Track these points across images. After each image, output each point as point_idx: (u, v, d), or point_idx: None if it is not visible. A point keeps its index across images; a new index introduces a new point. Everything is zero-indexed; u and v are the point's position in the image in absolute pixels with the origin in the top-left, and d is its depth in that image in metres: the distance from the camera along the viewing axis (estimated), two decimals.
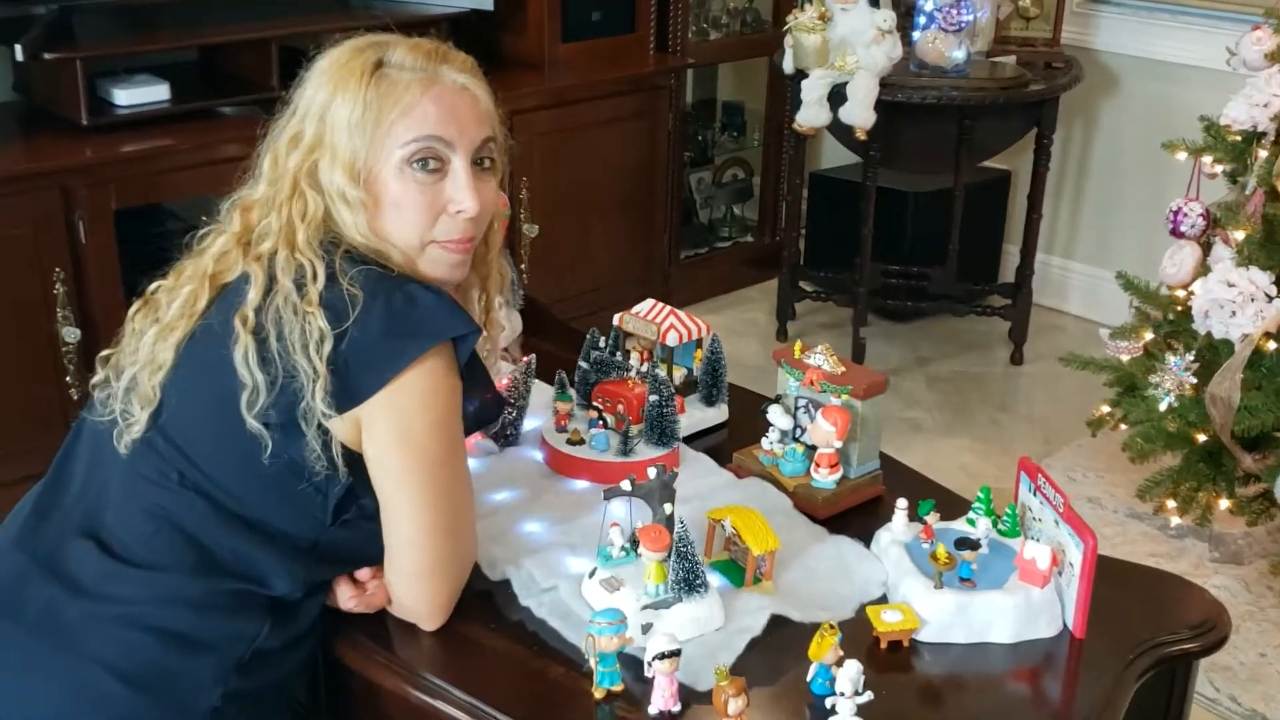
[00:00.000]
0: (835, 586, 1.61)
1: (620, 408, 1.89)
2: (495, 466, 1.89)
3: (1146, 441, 2.74)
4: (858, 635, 1.53)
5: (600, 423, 1.89)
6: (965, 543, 1.56)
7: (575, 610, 1.55)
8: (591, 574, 1.58)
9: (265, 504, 1.45)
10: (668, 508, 1.55)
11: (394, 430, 1.43)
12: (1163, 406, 2.70)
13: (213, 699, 1.39)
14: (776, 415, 1.87)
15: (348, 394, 1.41)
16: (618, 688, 1.43)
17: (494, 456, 1.92)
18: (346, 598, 1.54)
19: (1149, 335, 2.91)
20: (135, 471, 1.46)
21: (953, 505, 1.79)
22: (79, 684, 1.36)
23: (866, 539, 1.70)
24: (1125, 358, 2.94)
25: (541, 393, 2.01)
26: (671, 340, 2.00)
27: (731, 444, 1.98)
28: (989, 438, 3.56)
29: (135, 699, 1.35)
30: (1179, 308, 2.82)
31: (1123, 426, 2.98)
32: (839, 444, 1.78)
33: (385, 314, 1.42)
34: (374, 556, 1.54)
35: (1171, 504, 2.82)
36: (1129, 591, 1.64)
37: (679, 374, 2.06)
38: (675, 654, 1.38)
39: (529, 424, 1.98)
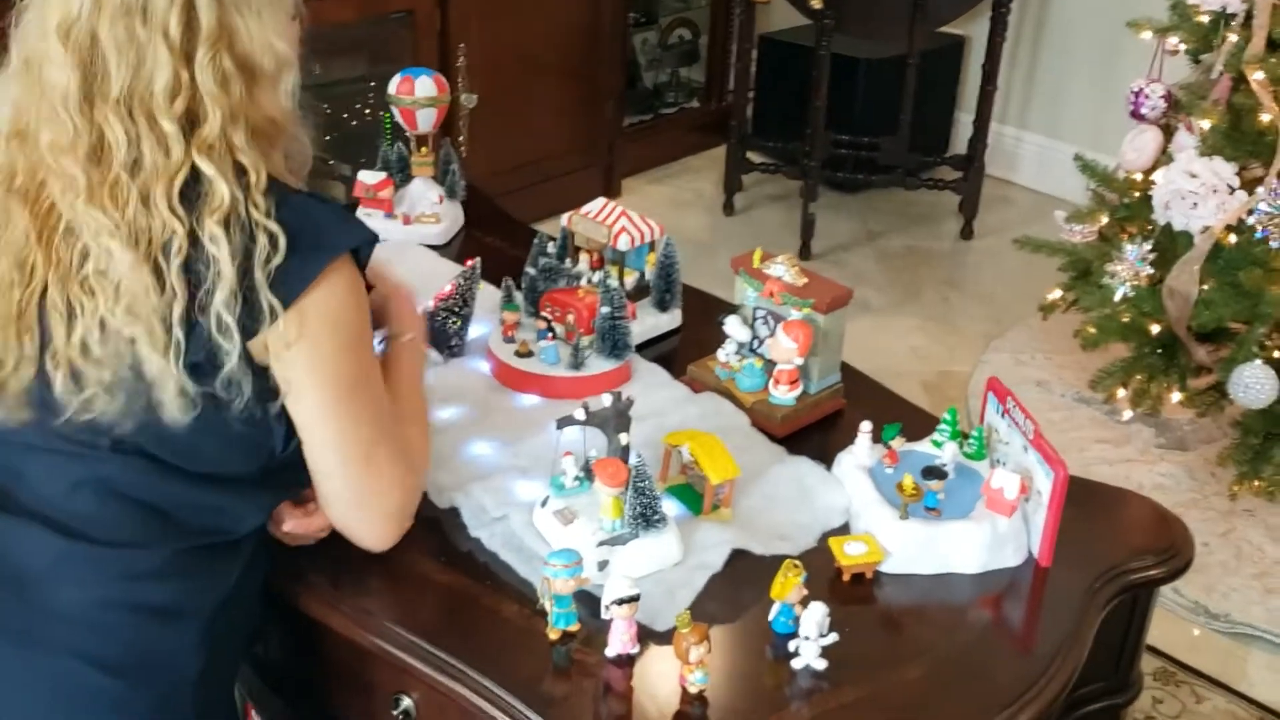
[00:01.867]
0: (795, 515, 1.56)
1: (570, 318, 1.81)
2: (440, 378, 1.80)
3: (1100, 332, 2.70)
4: (819, 566, 1.48)
5: (550, 334, 1.80)
6: (932, 471, 1.51)
7: (527, 543, 1.49)
8: (544, 503, 1.51)
9: (212, 446, 1.32)
10: (623, 437, 1.48)
11: (304, 356, 1.30)
12: (1117, 297, 2.66)
13: (198, 664, 1.31)
14: (734, 327, 1.79)
15: (252, 317, 1.26)
16: (574, 628, 1.38)
17: (438, 368, 1.83)
18: (285, 520, 1.45)
19: (1105, 220, 2.85)
20: (50, 448, 1.30)
21: (916, 423, 1.73)
22: (57, 682, 1.25)
23: (827, 459, 1.65)
24: (1079, 240, 2.89)
25: (488, 297, 1.92)
26: (623, 244, 1.91)
27: (685, 351, 1.91)
28: (939, 316, 3.51)
29: (121, 685, 1.26)
30: (1137, 193, 2.76)
31: (1074, 311, 2.95)
32: (800, 361, 1.71)
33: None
34: None
35: (1122, 393, 2.80)
36: (1094, 515, 1.61)
37: (631, 278, 1.97)
38: (634, 599, 1.32)
39: (475, 331, 1.89)
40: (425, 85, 2.16)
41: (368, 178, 2.20)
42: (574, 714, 1.30)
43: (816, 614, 1.34)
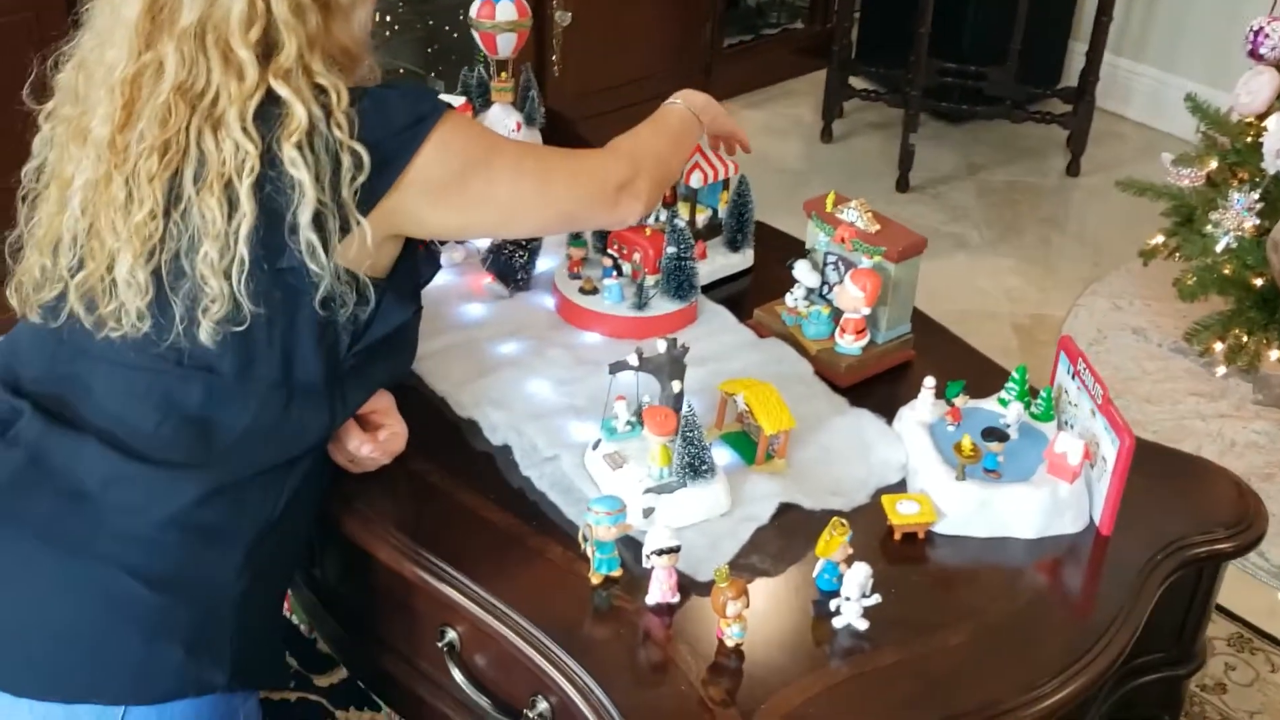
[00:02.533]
0: (851, 469, 1.53)
1: (637, 257, 1.78)
2: (504, 312, 1.80)
3: (1199, 283, 2.60)
4: (871, 523, 1.46)
5: (615, 272, 1.78)
6: (993, 433, 1.46)
7: (577, 484, 1.49)
8: (595, 445, 1.50)
9: (280, 352, 1.35)
10: (676, 385, 1.46)
11: (448, 180, 1.40)
12: (1220, 247, 2.55)
13: (241, 585, 1.34)
14: (803, 271, 1.75)
15: (344, 231, 1.32)
16: (616, 573, 1.38)
17: (503, 301, 1.82)
18: (358, 444, 1.48)
19: (1214, 164, 2.73)
20: (118, 360, 1.34)
21: (987, 377, 1.69)
22: (104, 592, 1.29)
23: (890, 412, 1.61)
24: (1186, 184, 2.77)
25: None
26: (695, 181, 1.87)
27: (756, 293, 1.88)
28: (1037, 257, 3.41)
29: (161, 599, 1.29)
30: (1249, 139, 2.63)
31: (1176, 258, 2.84)
32: (866, 310, 1.67)
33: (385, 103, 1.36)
34: (394, 373, 1.52)
35: (1219, 347, 2.70)
36: (1164, 482, 1.55)
37: (703, 215, 1.93)
38: (674, 550, 1.31)
39: (544, 264, 1.87)
40: (506, 9, 2.12)
41: (452, 100, 2.19)
42: (610, 660, 1.30)
43: (859, 575, 1.32)
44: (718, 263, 1.89)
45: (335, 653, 1.76)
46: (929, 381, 1.56)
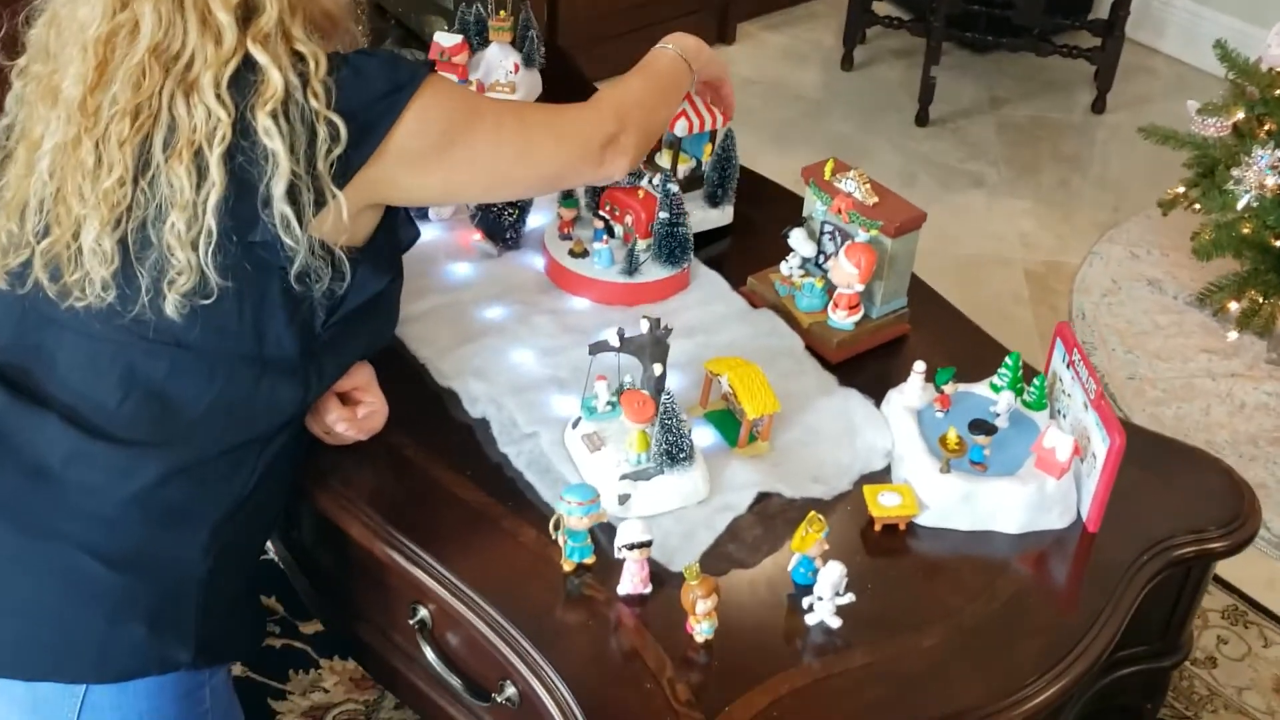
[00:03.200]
0: (836, 453, 1.50)
1: (629, 219, 1.74)
2: (491, 272, 1.76)
3: (1215, 244, 2.53)
4: (852, 512, 1.44)
5: (606, 234, 1.74)
6: (980, 426, 1.43)
7: (555, 464, 1.46)
8: (575, 424, 1.47)
9: (251, 326, 1.31)
10: (657, 368, 1.42)
11: (428, 149, 1.36)
12: (1240, 205, 2.48)
13: (206, 564, 1.32)
14: (799, 240, 1.70)
15: (319, 204, 1.28)
16: (589, 560, 1.36)
17: (491, 261, 1.78)
18: (335, 419, 1.45)
19: (1240, 114, 2.64)
20: (84, 330, 1.30)
21: (983, 353, 1.65)
22: (64, 572, 1.27)
23: (880, 391, 1.57)
24: (1211, 134, 2.69)
25: None
26: (680, 129, 1.81)
27: (737, 252, 1.83)
28: (1055, 201, 3.33)
29: (122, 579, 1.28)
30: (1278, 91, 2.54)
31: (1196, 208, 2.76)
32: (860, 287, 1.62)
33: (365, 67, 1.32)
34: (373, 344, 1.48)
35: (1234, 307, 2.64)
36: (1156, 475, 1.52)
37: (685, 165, 1.88)
38: (646, 545, 1.29)
39: (535, 220, 1.83)
40: None
41: (444, 40, 2.12)
42: (577, 653, 1.29)
43: (833, 574, 1.29)
44: (695, 217, 1.83)
45: (313, 611, 1.76)
46: (919, 366, 1.52)
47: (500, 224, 1.77)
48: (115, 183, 1.26)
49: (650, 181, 1.74)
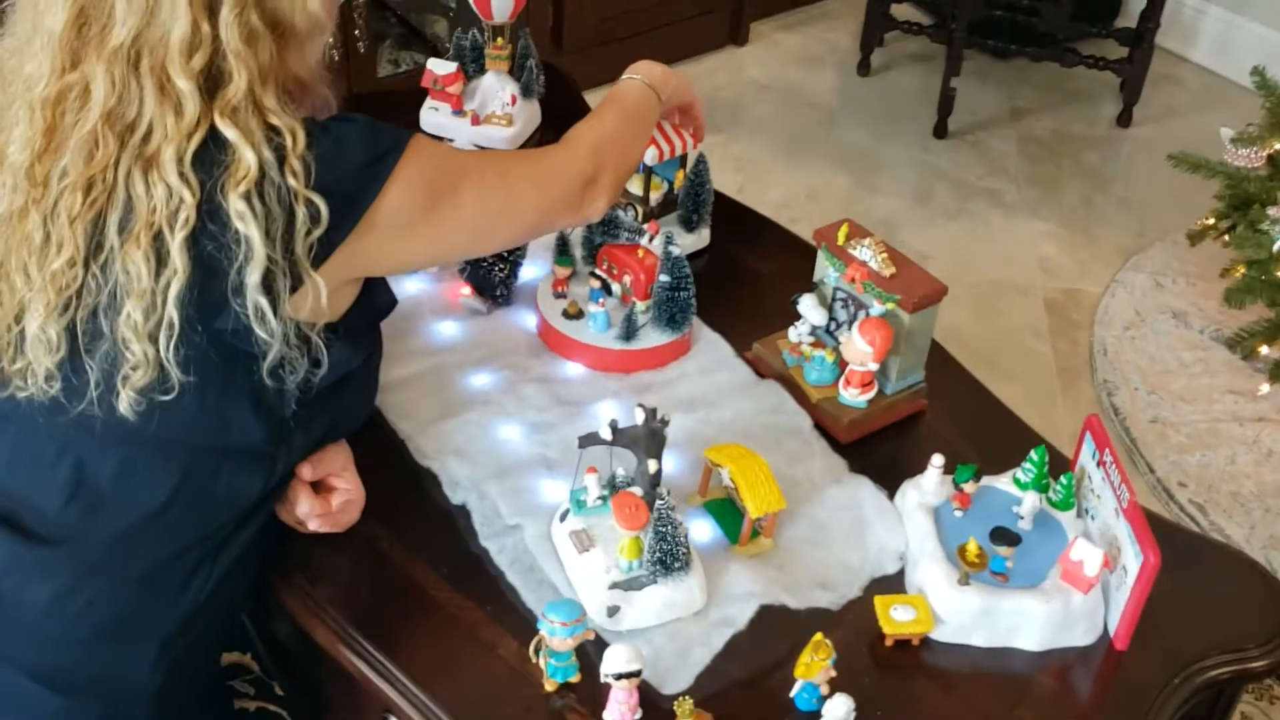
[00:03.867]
0: (845, 554, 1.39)
1: (627, 280, 1.62)
2: (479, 333, 1.64)
3: (1247, 289, 2.40)
4: (862, 621, 1.32)
5: (604, 294, 1.62)
6: (1003, 535, 1.31)
7: (539, 562, 1.35)
8: (564, 516, 1.36)
9: (215, 420, 1.21)
10: (652, 464, 1.31)
11: (415, 217, 1.26)
12: (1277, 247, 2.35)
13: (157, 680, 1.22)
14: (809, 308, 1.58)
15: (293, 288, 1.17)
16: (574, 679, 1.25)
17: (480, 319, 1.66)
18: (307, 512, 1.34)
19: (1277, 145, 2.51)
20: (31, 425, 1.19)
21: (1006, 431, 1.54)
22: None
23: (894, 476, 1.46)
24: (1243, 165, 2.56)
25: None
26: (650, 158, 1.70)
27: (710, 278, 1.73)
28: (1077, 222, 3.20)
29: (65, 701, 1.17)
30: None
31: (1228, 240, 2.63)
32: (874, 366, 1.50)
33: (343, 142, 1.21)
34: (347, 424, 1.36)
35: (1266, 351, 2.51)
36: (1189, 580, 1.40)
37: (658, 191, 1.79)
38: (635, 674, 1.18)
39: (530, 271, 1.71)
40: None
41: (438, 67, 2.00)
42: None
43: (840, 709, 1.18)
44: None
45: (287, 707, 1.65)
46: (937, 460, 1.40)
47: (490, 279, 1.65)
48: (65, 264, 1.14)
49: (651, 240, 1.62)
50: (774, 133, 3.47)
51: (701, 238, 1.81)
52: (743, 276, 1.81)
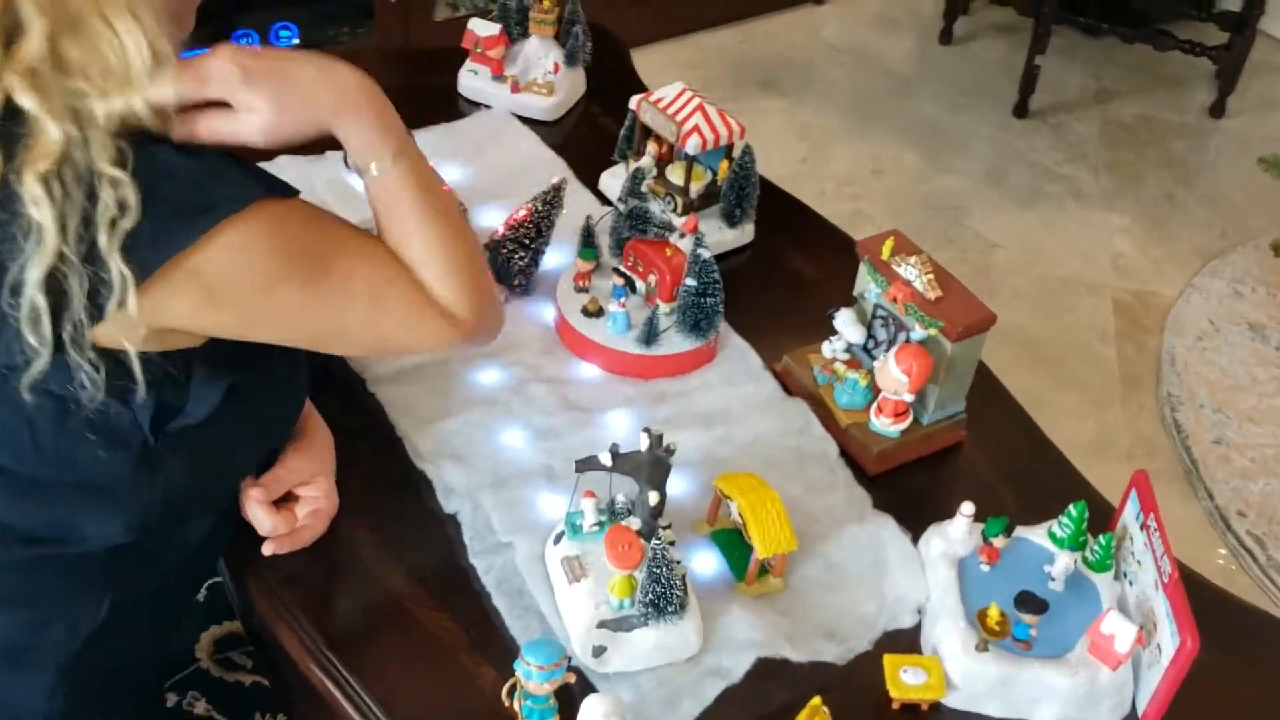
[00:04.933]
0: (859, 602, 1.29)
1: (652, 279, 1.51)
2: None
3: None
4: (866, 681, 1.22)
5: (628, 291, 1.52)
6: (1029, 601, 1.20)
7: (528, 586, 1.26)
8: (558, 538, 1.27)
9: (55, 449, 1.05)
10: (654, 496, 1.21)
11: (222, 316, 1.04)
12: None
13: (56, 707, 1.14)
14: (846, 324, 1.47)
15: (98, 296, 0.97)
16: None
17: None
18: (268, 529, 1.24)
19: None
20: None
21: (1050, 476, 1.43)
22: None
23: (921, 516, 1.35)
24: None
25: (581, 210, 1.62)
26: (692, 146, 1.59)
27: (749, 275, 1.64)
28: (1156, 218, 3.03)
29: None
30: None
31: None
32: (909, 397, 1.39)
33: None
34: (246, 443, 1.20)
35: None
36: (1236, 659, 1.28)
37: (700, 182, 1.67)
38: None
39: (554, 259, 1.61)
40: None
41: (480, 28, 1.90)
42: None
43: None
44: (711, 238, 1.62)
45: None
46: (966, 508, 1.29)
47: (508, 268, 1.55)
48: None
49: (681, 238, 1.51)
50: (844, 100, 3.32)
51: (744, 233, 1.70)
52: (783, 278, 1.69)
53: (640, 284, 1.53)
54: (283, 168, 1.72)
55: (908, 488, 1.42)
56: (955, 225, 2.93)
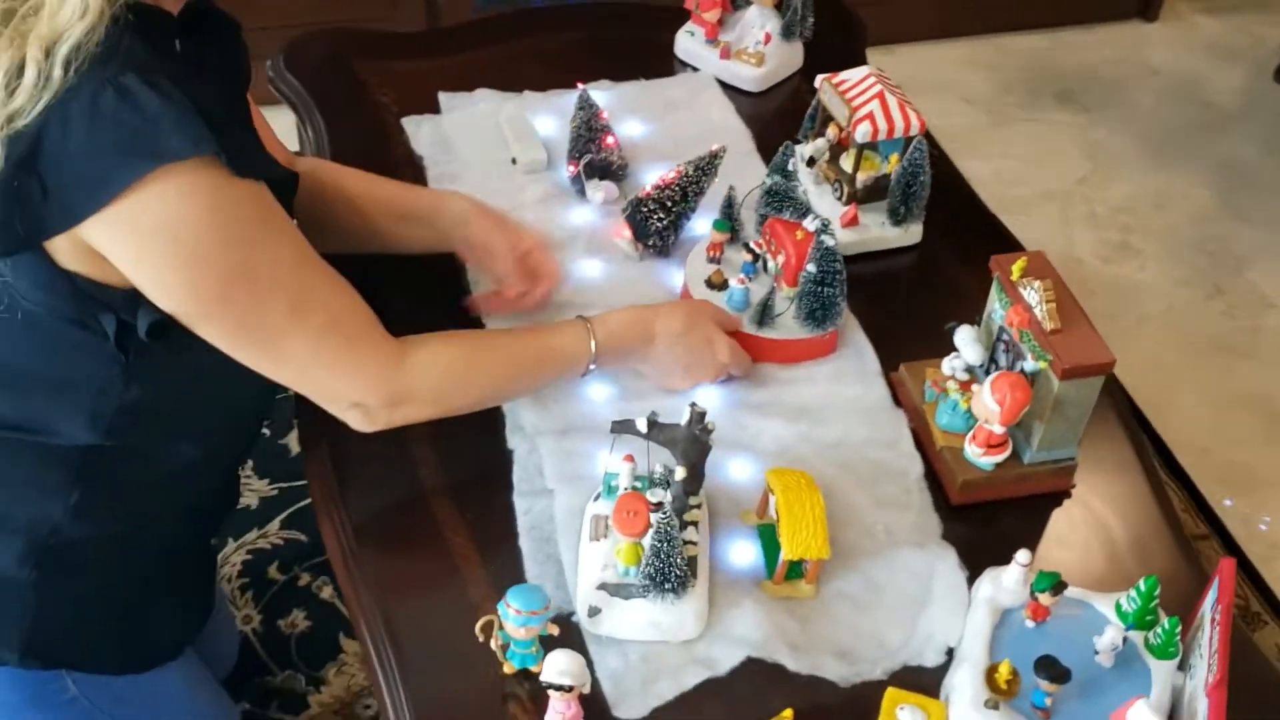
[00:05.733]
0: (886, 627, 1.21)
1: (780, 260, 1.47)
2: (621, 279, 1.55)
3: None
4: (862, 710, 1.15)
5: (757, 269, 1.48)
6: (1050, 668, 1.10)
7: (557, 535, 1.26)
8: (598, 496, 1.27)
9: (24, 350, 1.13)
10: (679, 472, 1.18)
11: (138, 270, 1.05)
12: None
13: (27, 574, 1.21)
14: (965, 341, 1.38)
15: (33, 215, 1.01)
16: (536, 668, 1.16)
17: (629, 264, 1.57)
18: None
19: None
20: None
21: (1154, 556, 1.30)
22: None
23: (993, 559, 1.25)
24: None
25: (749, 184, 1.58)
26: (861, 134, 1.54)
27: (915, 265, 1.59)
28: None
29: None
30: None
31: None
32: (999, 430, 1.29)
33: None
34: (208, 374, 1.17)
35: None
36: None
37: (869, 172, 1.60)
38: (567, 689, 1.08)
39: (703, 226, 1.59)
40: None
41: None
42: None
43: None
44: (870, 233, 1.57)
45: None
46: (1022, 556, 1.19)
47: (645, 227, 1.55)
48: None
49: (811, 219, 1.46)
50: (1146, 125, 3.09)
51: (908, 233, 1.62)
52: (939, 286, 1.61)
53: (772, 263, 1.49)
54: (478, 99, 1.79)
55: (990, 526, 1.33)
56: (1231, 276, 2.67)
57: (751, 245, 1.49)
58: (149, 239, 1.02)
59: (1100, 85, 3.19)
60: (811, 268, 1.41)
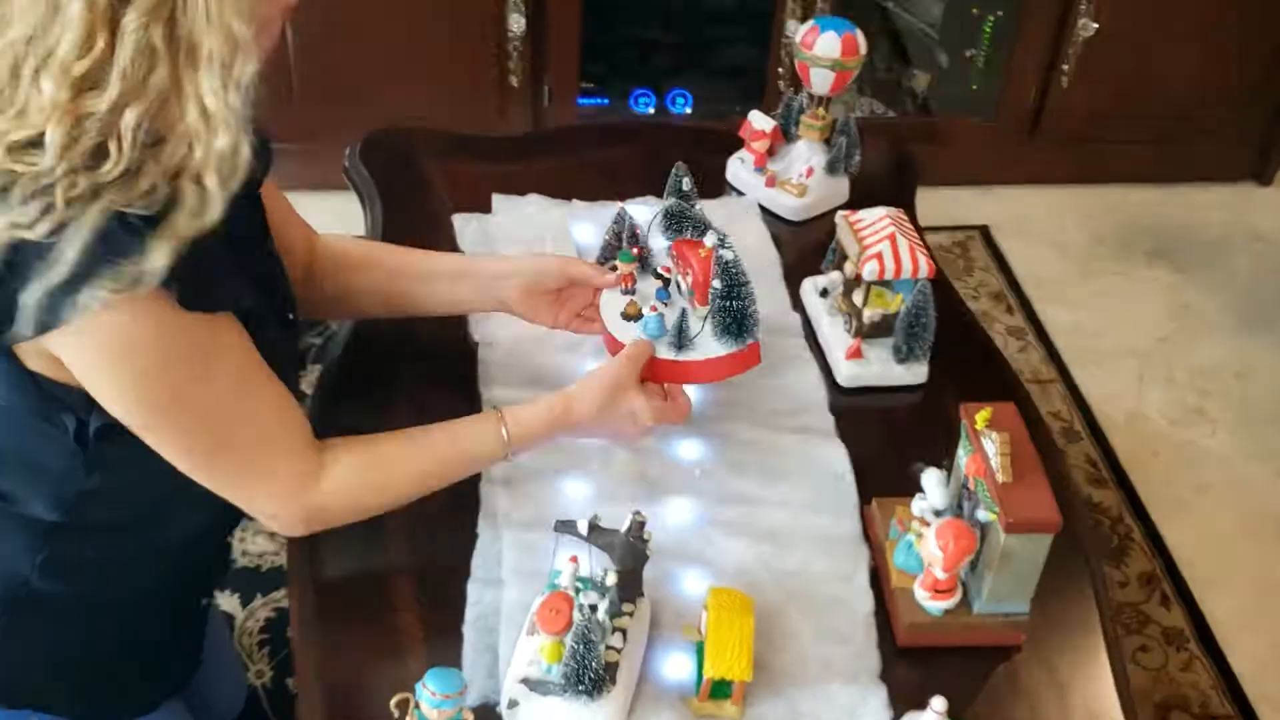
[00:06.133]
0: None
1: (687, 279, 1.48)
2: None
3: None
4: None
5: (669, 292, 1.51)
6: None
7: (500, 625, 1.31)
8: (544, 592, 1.31)
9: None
10: (610, 579, 1.22)
11: (92, 377, 1.13)
12: None
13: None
14: (931, 483, 1.39)
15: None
16: None
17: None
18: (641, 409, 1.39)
19: None
20: None
21: None
22: None
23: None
24: None
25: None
26: (869, 272, 1.57)
27: (917, 404, 1.63)
28: None
29: None
30: None
31: None
32: (942, 575, 1.30)
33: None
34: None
35: None
36: None
37: (876, 309, 1.63)
38: None
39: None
40: (828, 43, 1.83)
41: (756, 120, 1.96)
42: None
43: None
44: (870, 369, 1.60)
45: None
46: (937, 703, 1.19)
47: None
48: None
49: (710, 234, 1.47)
50: (1241, 291, 3.04)
51: (912, 373, 1.64)
52: (935, 426, 1.61)
53: (684, 284, 1.50)
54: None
55: (932, 670, 1.33)
56: None
57: (660, 271, 1.53)
58: (101, 355, 1.10)
59: (1199, 245, 3.15)
60: (717, 283, 1.43)
